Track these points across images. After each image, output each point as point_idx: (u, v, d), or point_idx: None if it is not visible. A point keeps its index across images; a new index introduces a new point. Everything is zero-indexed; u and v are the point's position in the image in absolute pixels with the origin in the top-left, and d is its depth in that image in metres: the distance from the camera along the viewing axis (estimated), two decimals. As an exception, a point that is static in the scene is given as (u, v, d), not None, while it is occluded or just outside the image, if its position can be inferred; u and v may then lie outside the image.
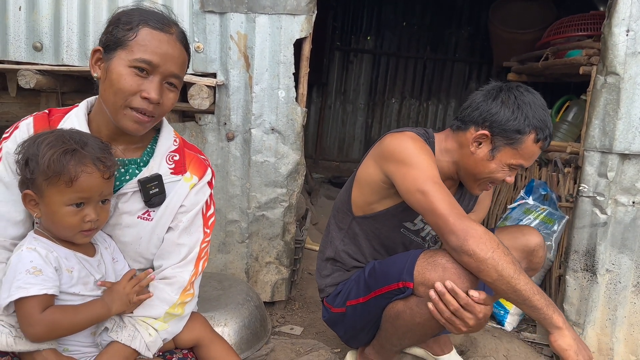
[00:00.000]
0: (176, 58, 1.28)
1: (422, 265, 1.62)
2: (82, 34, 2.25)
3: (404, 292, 1.66)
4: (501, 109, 1.69)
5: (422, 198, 1.59)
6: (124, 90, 1.22)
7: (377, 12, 6.66)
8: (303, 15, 2.23)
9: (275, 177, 2.38)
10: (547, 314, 1.49)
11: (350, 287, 1.89)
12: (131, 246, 1.37)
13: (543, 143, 1.70)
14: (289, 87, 2.30)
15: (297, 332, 2.34)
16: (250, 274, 2.47)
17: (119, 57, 1.23)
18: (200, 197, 1.42)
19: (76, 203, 1.19)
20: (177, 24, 1.31)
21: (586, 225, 2.27)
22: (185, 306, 1.38)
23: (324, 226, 4.44)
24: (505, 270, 1.47)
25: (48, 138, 1.18)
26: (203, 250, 1.43)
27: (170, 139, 1.42)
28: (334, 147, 6.96)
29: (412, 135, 1.74)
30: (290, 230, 2.46)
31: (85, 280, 1.25)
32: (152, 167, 1.36)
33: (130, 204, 1.34)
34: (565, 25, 3.38)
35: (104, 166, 1.20)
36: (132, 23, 1.24)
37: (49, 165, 1.15)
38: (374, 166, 1.79)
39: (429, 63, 6.80)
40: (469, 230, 1.51)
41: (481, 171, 1.74)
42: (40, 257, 1.18)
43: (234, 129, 2.35)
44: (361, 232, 1.90)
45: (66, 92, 2.44)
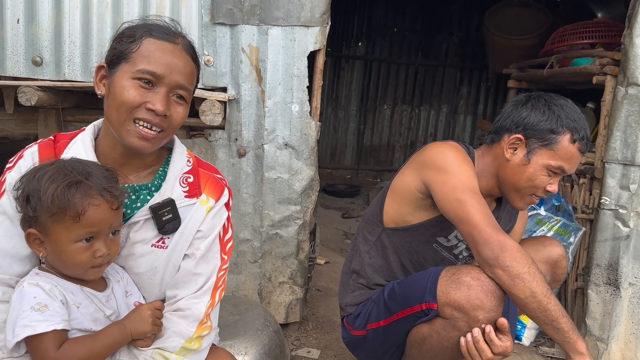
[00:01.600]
0: (182, 68, 1.19)
1: (445, 284, 1.55)
2: (85, 47, 2.13)
3: (428, 314, 1.59)
4: (532, 112, 1.67)
5: (459, 207, 1.54)
6: (127, 103, 1.14)
7: (367, 18, 6.62)
8: (317, 27, 2.16)
9: (289, 194, 2.29)
10: (572, 338, 1.46)
11: (371, 308, 1.81)
12: (146, 277, 1.28)
13: (581, 144, 1.63)
14: (303, 101, 2.22)
15: (314, 356, 2.26)
16: (263, 295, 2.38)
17: (122, 70, 1.16)
18: (218, 221, 1.32)
19: (85, 238, 1.10)
20: (183, 35, 1.23)
21: (608, 239, 2.23)
22: (202, 340, 1.28)
23: (324, 238, 4.38)
24: (539, 288, 1.43)
25: (49, 171, 1.09)
26: (220, 279, 1.33)
27: (183, 159, 1.32)
28: (326, 154, 6.88)
29: (454, 145, 1.71)
30: (304, 248, 2.38)
31: (95, 317, 1.16)
32: (164, 192, 1.26)
33: (143, 232, 1.25)
34: (569, 32, 3.36)
35: (112, 196, 1.11)
36: (135, 35, 1.17)
37: (53, 200, 1.05)
38: (412, 174, 1.74)
39: (420, 69, 6.78)
40: (505, 243, 1.47)
41: (520, 178, 1.68)
42: (44, 291, 1.09)
43: (245, 145, 2.25)
44: (390, 245, 1.83)
45: (66, 107, 2.32)
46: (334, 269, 3.44)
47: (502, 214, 1.89)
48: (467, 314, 1.49)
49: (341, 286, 1.98)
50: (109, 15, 2.13)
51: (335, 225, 4.75)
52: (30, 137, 3.37)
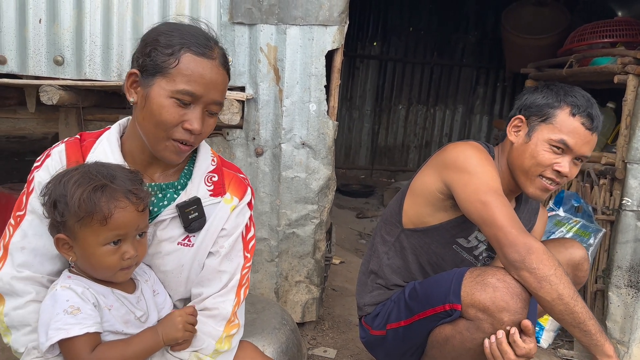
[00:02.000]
0: (219, 85, 1.19)
1: (470, 285, 1.53)
2: (106, 47, 2.15)
3: (451, 315, 1.57)
4: (532, 95, 1.69)
5: (483, 208, 1.52)
6: (166, 123, 1.15)
7: (383, 17, 6.61)
8: (335, 26, 2.16)
9: (306, 193, 2.29)
10: (599, 340, 1.44)
11: (390, 308, 1.80)
12: (172, 275, 1.29)
13: (583, 119, 1.59)
14: (321, 100, 2.22)
15: (331, 355, 2.25)
16: (279, 294, 2.38)
17: (159, 85, 1.14)
18: (241, 220, 1.34)
19: (113, 241, 1.10)
20: (217, 42, 1.22)
21: (630, 240, 2.20)
22: (232, 339, 1.30)
23: (339, 237, 4.38)
24: (566, 291, 1.41)
25: (74, 176, 1.10)
26: (244, 277, 1.34)
27: (208, 158, 1.33)
28: (341, 154, 6.88)
29: (476, 145, 1.69)
30: (320, 247, 2.38)
31: (126, 319, 1.16)
32: (190, 191, 1.27)
33: (170, 231, 1.26)
34: (589, 31, 3.31)
35: (137, 198, 1.11)
36: (172, 47, 1.14)
37: (80, 205, 1.06)
38: (432, 175, 1.72)
39: (435, 68, 6.75)
40: (531, 245, 1.45)
41: (524, 158, 1.66)
42: (77, 294, 1.10)
43: (263, 144, 2.26)
44: (409, 246, 1.81)
45: (86, 106, 2.34)
46: (349, 268, 3.43)
47: (522, 214, 1.87)
48: (492, 315, 1.48)
49: (359, 286, 1.98)
50: (129, 15, 2.14)
51: (349, 225, 4.75)
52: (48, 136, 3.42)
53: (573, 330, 1.45)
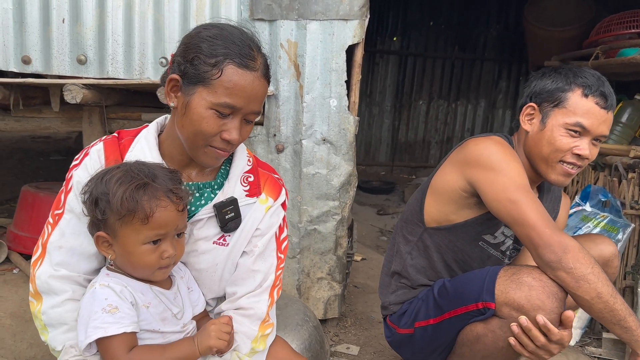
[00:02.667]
0: (259, 97, 1.19)
1: (505, 283, 1.50)
2: (128, 45, 2.17)
3: (484, 314, 1.54)
4: (541, 80, 1.65)
5: (513, 207, 1.49)
6: (206, 133, 1.16)
7: (402, 12, 6.55)
8: (356, 20, 2.14)
9: (327, 189, 2.28)
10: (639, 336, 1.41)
11: (418, 306, 1.78)
12: (206, 273, 1.30)
13: (597, 98, 1.55)
14: (341, 96, 2.21)
15: (354, 352, 2.24)
16: (301, 291, 2.38)
17: (201, 95, 1.14)
18: (275, 220, 1.34)
19: (153, 240, 1.11)
20: (260, 49, 1.21)
21: (660, 236, 2.14)
22: (267, 339, 1.31)
23: (360, 234, 4.35)
24: (604, 288, 1.39)
25: (116, 174, 1.11)
26: (278, 277, 1.36)
27: (244, 158, 1.34)
28: (361, 150, 6.85)
29: (498, 140, 1.65)
30: (342, 244, 2.36)
31: (163, 316, 1.17)
32: (227, 191, 1.28)
33: (206, 230, 1.27)
34: (615, 22, 3.24)
35: (177, 197, 1.12)
36: (216, 56, 1.13)
37: (122, 203, 1.07)
38: (454, 173, 1.68)
39: (457, 63, 6.67)
40: (567, 244, 1.42)
41: (542, 145, 1.62)
42: (115, 293, 1.11)
43: (283, 141, 2.25)
44: (433, 245, 1.79)
45: (109, 105, 2.37)
46: (371, 265, 3.42)
47: (546, 203, 1.83)
48: (527, 314, 1.44)
49: (382, 287, 1.95)
50: (150, 13, 2.15)
51: (370, 222, 4.73)
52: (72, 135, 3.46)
53: (613, 327, 1.42)
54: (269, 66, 1.23)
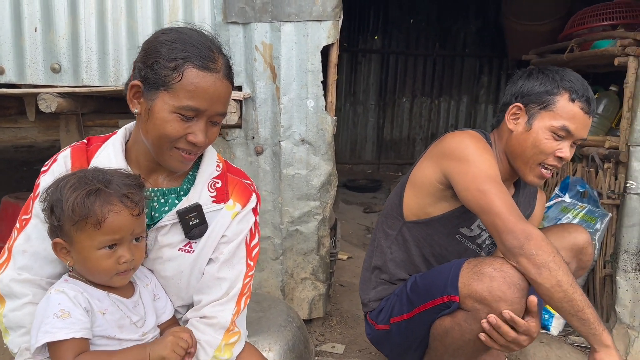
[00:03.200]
0: (223, 97, 1.18)
1: (467, 275, 1.53)
2: (102, 52, 2.16)
3: (449, 307, 1.57)
4: (528, 81, 1.68)
5: (481, 196, 1.52)
6: (170, 136, 1.15)
7: (383, 11, 6.57)
8: (329, 21, 2.15)
9: (308, 189, 2.29)
10: (597, 329, 1.42)
11: (394, 303, 1.80)
12: (172, 281, 1.29)
13: (582, 103, 1.59)
14: (318, 96, 2.22)
15: (339, 351, 2.26)
16: (285, 292, 2.39)
17: (163, 100, 1.14)
18: (244, 226, 1.32)
19: (108, 245, 1.11)
20: (221, 50, 1.20)
21: (636, 224, 2.18)
22: (232, 348, 1.29)
23: (346, 233, 4.37)
24: (565, 277, 1.41)
25: (70, 181, 1.11)
26: (246, 285, 1.33)
27: (212, 164, 1.33)
28: (346, 149, 6.86)
29: (473, 133, 1.68)
30: (324, 244, 2.37)
31: (121, 323, 1.17)
32: (192, 197, 1.27)
33: (171, 237, 1.26)
34: (589, 15, 3.28)
35: (132, 202, 1.12)
36: (176, 60, 1.12)
37: (74, 209, 1.07)
38: (431, 165, 1.71)
39: (438, 59, 6.71)
40: (530, 232, 1.44)
41: (525, 147, 1.65)
42: (69, 299, 1.11)
43: (262, 143, 2.26)
44: (412, 239, 1.81)
45: (86, 112, 2.36)
46: (357, 264, 3.43)
47: (521, 198, 1.86)
48: (489, 305, 1.47)
49: (362, 283, 1.97)
50: (123, 19, 2.15)
51: (357, 221, 4.74)
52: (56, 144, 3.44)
53: (571, 318, 1.44)
54: (231, 67, 1.23)
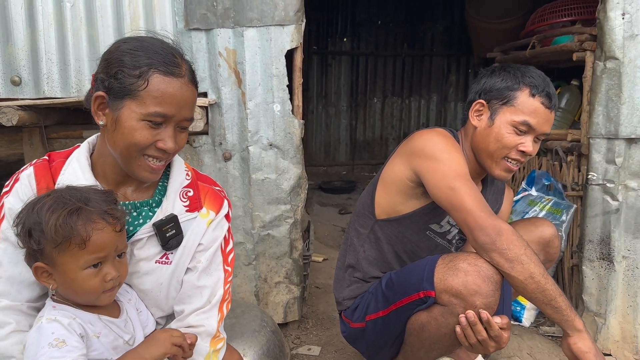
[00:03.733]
0: (189, 102, 1.19)
1: (442, 271, 1.56)
2: (63, 63, 2.14)
3: (426, 302, 1.60)
4: (491, 78, 1.72)
5: (452, 194, 1.55)
6: (139, 144, 1.14)
7: (351, 13, 6.62)
8: (292, 25, 2.16)
9: (278, 193, 2.30)
10: (570, 315, 1.48)
11: (369, 300, 1.82)
12: (152, 293, 1.28)
13: (542, 98, 1.64)
14: (284, 100, 2.23)
15: (315, 353, 2.26)
16: (260, 296, 2.38)
17: (129, 108, 1.13)
18: (218, 233, 1.33)
19: (93, 264, 1.09)
20: (183, 56, 1.21)
21: (598, 214, 2.24)
22: (218, 354, 1.31)
23: (322, 235, 4.39)
24: (537, 269, 1.45)
25: (47, 202, 1.09)
26: (227, 291, 1.35)
27: (182, 173, 1.32)
28: (320, 152, 6.88)
29: (442, 131, 1.72)
30: (297, 246, 2.38)
31: (115, 344, 1.15)
32: (166, 208, 1.26)
33: (147, 250, 1.25)
34: (548, 12, 3.35)
35: (114, 218, 1.11)
36: (140, 67, 1.12)
37: (56, 230, 1.05)
38: (401, 164, 1.74)
39: (407, 60, 6.78)
40: (500, 227, 1.48)
41: (488, 142, 1.69)
42: (62, 326, 1.08)
43: (230, 148, 2.26)
44: (384, 237, 1.83)
45: (49, 125, 2.32)
46: (332, 265, 3.43)
47: (489, 195, 1.90)
48: (465, 299, 1.50)
49: (336, 282, 1.99)
50: (83, 29, 2.13)
51: (332, 222, 4.76)
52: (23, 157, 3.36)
53: (545, 307, 1.49)
54: (195, 72, 1.23)
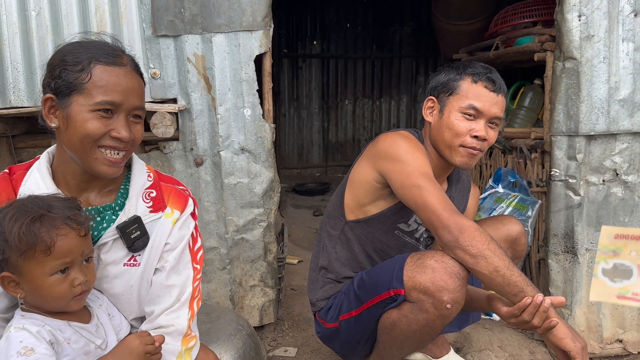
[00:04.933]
0: (136, 90, 1.21)
1: (411, 269, 1.60)
2: (29, 72, 2.11)
3: (396, 300, 1.64)
4: (437, 76, 1.81)
5: (416, 193, 1.59)
6: (92, 135, 1.15)
7: (320, 16, 6.67)
8: (260, 31, 2.18)
9: (251, 197, 2.31)
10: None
11: (341, 300, 1.85)
12: (123, 297, 1.29)
13: (485, 82, 1.70)
14: (255, 105, 2.24)
15: (291, 354, 2.28)
16: (235, 300, 2.39)
17: (77, 102, 1.15)
18: (185, 232, 1.34)
19: (60, 270, 1.10)
20: (124, 51, 1.24)
21: (562, 209, 2.32)
22: (191, 352, 1.32)
23: (297, 237, 4.41)
24: (501, 262, 1.49)
25: (9, 212, 1.09)
26: (196, 289, 1.36)
27: (143, 175, 1.33)
28: (293, 154, 6.91)
29: (405, 134, 1.77)
30: (271, 249, 2.40)
31: (86, 350, 1.16)
32: (128, 210, 1.27)
33: (113, 253, 1.26)
34: (511, 13, 3.45)
35: (77, 223, 1.11)
36: (81, 62, 1.15)
37: (20, 238, 1.06)
38: (367, 166, 1.78)
39: (376, 62, 6.87)
40: (463, 224, 1.52)
41: (443, 132, 1.75)
42: (31, 334, 1.08)
43: (201, 154, 2.26)
44: (354, 237, 1.87)
45: (17, 134, 2.29)
46: (307, 267, 3.44)
47: (455, 193, 1.95)
48: (433, 295, 1.54)
49: (310, 283, 2.02)
50: (49, 38, 2.11)
51: (307, 224, 4.79)
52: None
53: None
54: (138, 64, 1.25)
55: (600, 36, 2.16)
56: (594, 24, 2.16)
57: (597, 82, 2.18)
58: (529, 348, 2.37)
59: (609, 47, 2.17)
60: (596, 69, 2.18)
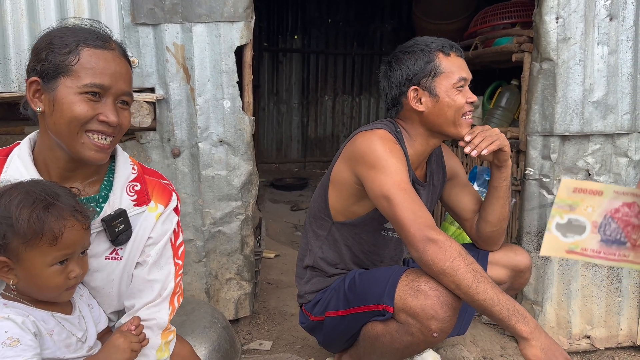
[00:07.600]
0: (125, 75, 1.19)
1: (404, 289, 1.57)
2: (2, 57, 2.06)
3: (384, 315, 1.63)
4: (402, 66, 1.74)
5: (387, 205, 1.58)
6: (80, 118, 1.12)
7: (301, 10, 6.65)
8: (242, 22, 2.16)
9: (229, 190, 2.30)
10: (509, 324, 1.41)
11: (330, 296, 1.85)
12: (103, 290, 1.27)
13: (454, 51, 1.72)
14: (234, 97, 2.23)
15: (266, 347, 2.28)
16: (211, 293, 2.38)
17: (65, 85, 1.12)
18: (168, 226, 1.33)
19: (60, 261, 1.08)
20: (112, 37, 1.22)
21: (535, 207, 2.36)
22: (169, 345, 1.32)
23: (274, 232, 4.40)
24: (463, 281, 1.44)
25: (17, 196, 1.06)
26: (177, 285, 1.35)
27: (127, 167, 1.31)
28: (272, 149, 6.89)
29: (382, 134, 1.70)
30: (248, 243, 2.39)
31: (68, 342, 1.14)
32: (113, 203, 1.25)
33: (95, 246, 1.24)
34: (490, 14, 3.49)
35: (82, 216, 1.10)
36: (69, 45, 1.13)
37: (30, 226, 1.03)
38: (346, 170, 1.76)
39: (357, 58, 6.88)
40: (428, 240, 1.48)
41: (445, 113, 1.71)
42: (16, 325, 1.06)
43: (179, 145, 2.24)
44: (341, 238, 1.86)
45: (-12, 120, 2.24)
46: (284, 261, 3.47)
47: (433, 165, 1.93)
48: (421, 322, 1.53)
49: (298, 277, 2.00)
50: (24, 22, 2.06)
51: (284, 219, 4.78)
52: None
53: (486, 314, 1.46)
54: (126, 50, 1.24)
55: (576, 39, 2.20)
56: (570, 26, 2.20)
57: (572, 83, 2.23)
58: (501, 343, 2.41)
59: (584, 49, 2.21)
60: (572, 70, 2.22)
